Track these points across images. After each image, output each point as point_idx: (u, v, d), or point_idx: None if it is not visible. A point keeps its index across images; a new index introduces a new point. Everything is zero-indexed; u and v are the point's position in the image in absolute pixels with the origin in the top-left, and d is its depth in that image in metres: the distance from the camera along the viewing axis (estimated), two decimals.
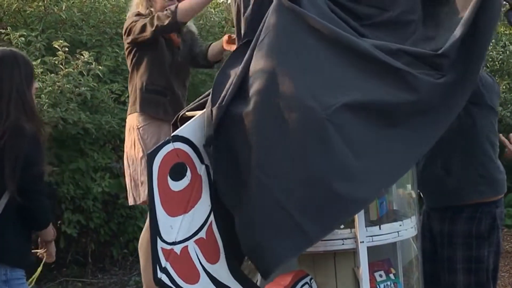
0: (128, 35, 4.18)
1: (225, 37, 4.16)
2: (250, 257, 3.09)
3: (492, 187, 3.88)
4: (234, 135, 3.01)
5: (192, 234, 3.13)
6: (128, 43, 4.23)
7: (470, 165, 3.78)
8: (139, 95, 4.19)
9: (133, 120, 4.22)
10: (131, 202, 4.26)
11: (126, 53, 4.30)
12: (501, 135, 2.58)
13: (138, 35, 4.10)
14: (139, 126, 4.18)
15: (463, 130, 3.70)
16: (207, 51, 4.41)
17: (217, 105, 3.05)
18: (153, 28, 4.01)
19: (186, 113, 3.47)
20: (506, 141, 2.49)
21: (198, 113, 3.25)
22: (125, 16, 6.43)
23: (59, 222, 6.03)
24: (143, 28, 4.07)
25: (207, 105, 3.14)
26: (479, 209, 3.84)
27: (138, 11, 4.27)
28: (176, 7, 4.01)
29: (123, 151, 5.86)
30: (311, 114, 2.90)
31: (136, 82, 4.22)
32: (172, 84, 4.26)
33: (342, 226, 3.19)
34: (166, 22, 3.98)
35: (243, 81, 3.04)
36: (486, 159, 3.86)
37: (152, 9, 4.22)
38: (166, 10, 4.03)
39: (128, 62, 4.30)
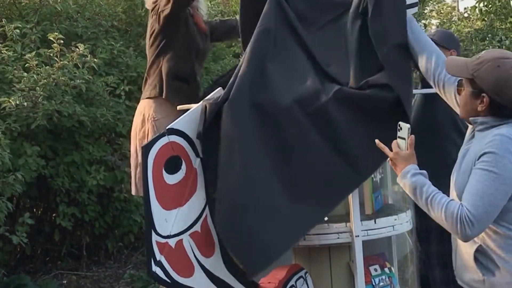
0: (156, 13, 4.05)
1: None
2: (236, 256, 3.04)
3: None
4: (223, 130, 3.04)
5: (187, 228, 3.13)
6: (157, 24, 4.07)
7: (438, 154, 3.84)
8: (166, 81, 4.04)
9: (149, 108, 4.09)
10: (133, 192, 4.18)
11: (152, 35, 4.13)
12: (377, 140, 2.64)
13: (162, 8, 3.97)
14: (155, 118, 4.06)
15: (425, 121, 3.74)
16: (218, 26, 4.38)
17: (211, 100, 3.09)
18: (172, 2, 3.89)
19: (180, 106, 3.47)
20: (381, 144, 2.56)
21: (193, 106, 3.25)
22: (121, 8, 6.44)
23: (53, 215, 6.03)
24: (166, 2, 3.94)
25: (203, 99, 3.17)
26: None
27: None
28: None
29: (118, 144, 5.88)
30: (291, 113, 3.02)
31: (162, 66, 4.07)
32: (195, 72, 4.16)
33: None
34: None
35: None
36: (454, 148, 3.89)
37: None
38: None
39: (154, 44, 4.13)
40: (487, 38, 8.46)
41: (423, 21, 10.36)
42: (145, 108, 4.12)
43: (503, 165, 2.48)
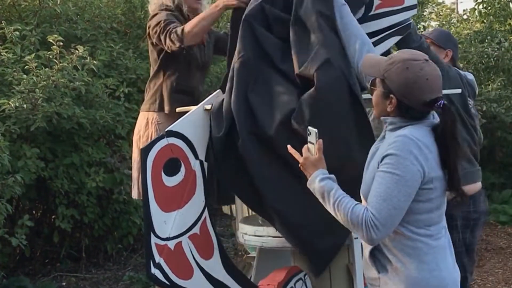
0: (150, 37, 4.02)
1: None
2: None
3: None
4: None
5: (186, 230, 3.13)
6: (152, 46, 4.10)
7: None
8: (167, 96, 4.03)
9: (150, 116, 4.10)
10: (134, 195, 4.17)
11: (153, 49, 4.12)
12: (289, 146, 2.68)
13: (156, 44, 3.99)
14: (159, 122, 4.07)
15: None
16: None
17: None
18: (166, 46, 3.87)
19: (179, 109, 3.48)
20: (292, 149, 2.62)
21: (192, 108, 3.25)
22: (120, 10, 6.45)
23: (53, 216, 6.02)
24: (160, 41, 3.91)
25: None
26: None
27: (164, 2, 4.08)
28: (183, 30, 3.80)
29: (118, 146, 5.88)
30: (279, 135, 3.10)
31: (163, 82, 4.05)
32: (198, 83, 4.16)
33: None
34: (176, 45, 3.81)
35: None
36: None
37: (180, 1, 4.07)
38: (173, 32, 3.85)
39: (153, 56, 4.13)
40: (486, 40, 8.46)
41: (422, 23, 10.36)
42: (146, 117, 4.12)
43: (405, 166, 2.45)
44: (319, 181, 2.57)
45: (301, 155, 2.64)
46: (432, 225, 2.56)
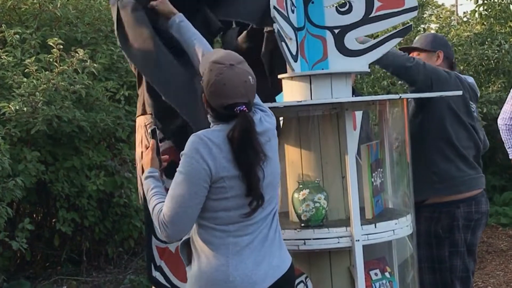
0: None
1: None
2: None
3: (447, 186, 3.94)
4: None
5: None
6: None
7: (422, 163, 3.89)
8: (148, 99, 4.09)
9: (140, 120, 4.12)
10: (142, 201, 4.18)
11: None
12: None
13: None
14: (146, 123, 4.07)
15: (412, 129, 3.76)
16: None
17: None
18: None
19: None
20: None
21: None
22: None
23: (53, 220, 6.02)
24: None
25: None
26: (437, 209, 3.95)
27: None
28: None
29: (118, 149, 5.87)
30: None
31: (143, 85, 4.09)
32: None
33: None
34: None
35: None
36: (439, 157, 3.93)
37: None
38: None
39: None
40: (487, 42, 8.46)
41: (422, 26, 10.36)
42: (138, 122, 4.13)
43: (190, 165, 2.50)
44: (145, 179, 2.71)
45: None
46: (232, 224, 2.57)
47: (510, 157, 4.93)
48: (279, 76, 3.48)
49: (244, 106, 2.54)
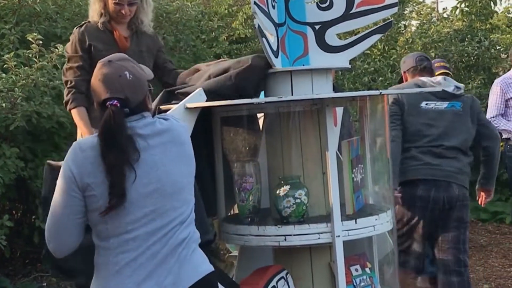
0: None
1: None
2: None
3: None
4: None
5: None
6: None
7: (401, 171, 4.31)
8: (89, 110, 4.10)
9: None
10: None
11: None
12: None
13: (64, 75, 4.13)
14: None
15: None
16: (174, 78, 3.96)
17: None
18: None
19: (161, 107, 3.45)
20: None
21: (173, 107, 3.23)
22: None
23: (33, 217, 5.98)
24: (64, 73, 4.13)
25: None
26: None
27: (91, 17, 4.08)
28: (70, 103, 4.05)
29: None
30: None
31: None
32: None
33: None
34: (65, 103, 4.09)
35: None
36: (413, 163, 4.33)
37: (105, 19, 4.01)
38: (69, 94, 4.07)
39: None
40: (467, 39, 8.50)
41: (403, 22, 10.40)
42: None
43: (61, 173, 2.41)
44: None
45: None
46: (111, 238, 2.41)
47: None
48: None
49: (116, 101, 2.39)
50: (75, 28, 4.11)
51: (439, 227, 4.33)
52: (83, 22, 4.13)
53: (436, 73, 4.97)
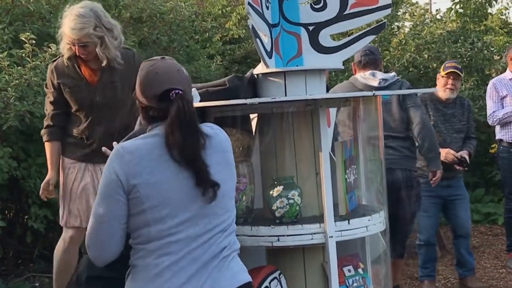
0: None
1: None
2: None
3: None
4: None
5: None
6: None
7: None
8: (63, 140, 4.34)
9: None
10: None
11: None
12: None
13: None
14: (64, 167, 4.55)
15: None
16: None
17: None
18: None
19: None
20: None
21: None
22: None
23: (26, 217, 5.96)
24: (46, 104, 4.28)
25: None
26: None
27: (61, 50, 4.28)
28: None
29: None
30: None
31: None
32: (91, 127, 4.22)
33: None
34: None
35: None
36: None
37: (71, 54, 4.21)
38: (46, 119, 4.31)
39: None
40: (460, 40, 8.52)
41: (396, 23, 10.42)
42: None
43: (104, 177, 2.38)
44: None
45: None
46: (154, 240, 2.36)
47: None
48: (254, 72, 3.48)
49: (180, 91, 2.38)
50: (50, 63, 4.35)
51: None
52: (56, 57, 4.37)
53: (445, 72, 5.47)
